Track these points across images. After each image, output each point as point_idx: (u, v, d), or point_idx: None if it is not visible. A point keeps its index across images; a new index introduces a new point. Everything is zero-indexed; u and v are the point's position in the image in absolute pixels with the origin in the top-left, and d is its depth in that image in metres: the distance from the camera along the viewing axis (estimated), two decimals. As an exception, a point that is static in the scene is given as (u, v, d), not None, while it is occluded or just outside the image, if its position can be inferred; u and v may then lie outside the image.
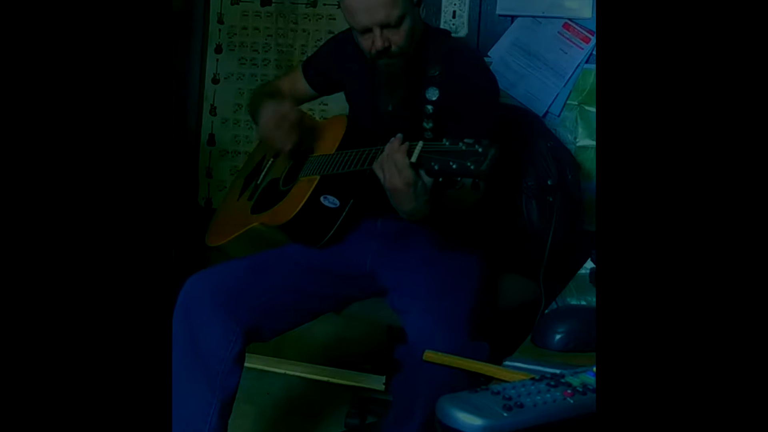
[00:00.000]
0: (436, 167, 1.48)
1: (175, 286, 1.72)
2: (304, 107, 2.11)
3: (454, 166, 1.45)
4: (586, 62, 2.36)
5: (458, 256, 1.88)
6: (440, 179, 1.50)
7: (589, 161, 2.34)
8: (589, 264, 1.73)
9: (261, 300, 1.82)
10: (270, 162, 2.11)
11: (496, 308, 1.96)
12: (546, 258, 2.06)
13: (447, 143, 1.47)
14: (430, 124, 1.83)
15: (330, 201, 1.83)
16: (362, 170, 1.68)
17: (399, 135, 1.57)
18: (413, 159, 1.51)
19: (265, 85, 2.19)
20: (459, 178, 1.47)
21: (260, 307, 1.82)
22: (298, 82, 2.11)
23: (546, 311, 1.49)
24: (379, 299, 1.91)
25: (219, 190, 2.78)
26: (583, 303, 1.54)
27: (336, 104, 2.55)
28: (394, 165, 1.53)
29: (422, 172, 1.52)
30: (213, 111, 2.79)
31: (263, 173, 2.11)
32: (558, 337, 1.27)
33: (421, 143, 1.52)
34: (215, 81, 2.79)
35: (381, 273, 1.90)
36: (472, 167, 1.42)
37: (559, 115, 2.38)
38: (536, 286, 2.00)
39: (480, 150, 1.43)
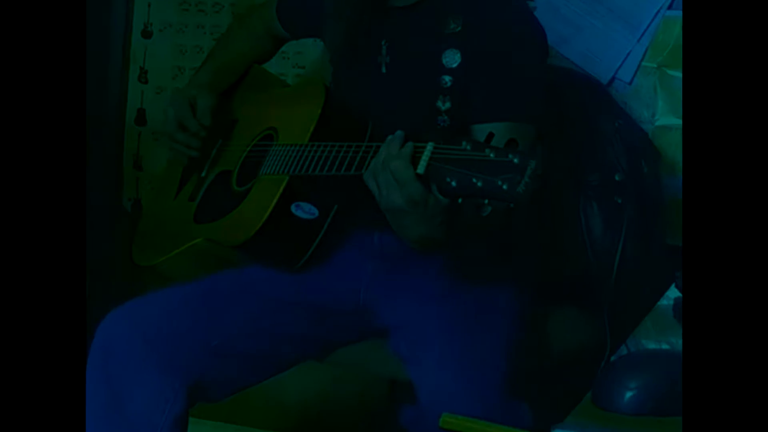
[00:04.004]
0: (453, 183, 1.47)
1: (90, 322, 1.72)
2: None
3: (478, 184, 1.44)
4: (669, 8, 2.36)
5: (488, 283, 1.89)
6: (459, 200, 1.49)
7: (673, 147, 2.34)
8: (673, 292, 1.73)
9: (212, 344, 1.83)
10: (218, 145, 2.11)
11: (542, 355, 1.97)
12: (613, 284, 2.06)
13: (468, 147, 1.46)
14: (447, 104, 1.83)
15: (305, 210, 1.83)
16: (348, 175, 1.68)
17: (399, 133, 1.56)
18: (420, 169, 1.51)
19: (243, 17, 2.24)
20: (486, 201, 1.47)
21: (210, 353, 1.82)
22: (268, 15, 2.15)
23: (612, 358, 1.49)
24: (377, 342, 1.91)
25: (152, 188, 2.79)
26: (665, 347, 1.54)
27: (316, 68, 2.55)
28: (393, 176, 1.54)
29: (434, 188, 1.52)
30: (143, 76, 2.79)
31: (209, 161, 2.11)
32: (629, 395, 1.27)
33: (430, 146, 1.50)
34: (147, 34, 2.79)
35: (380, 306, 1.90)
36: (504, 187, 1.41)
37: (630, 83, 2.38)
38: (599, 323, 2.00)
39: (516, 162, 1.41)
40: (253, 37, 2.18)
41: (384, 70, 1.89)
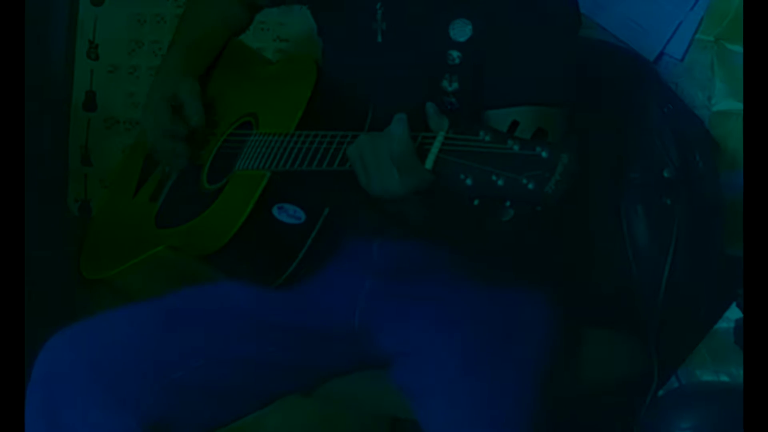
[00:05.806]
0: (468, 181, 1.47)
1: (28, 349, 1.72)
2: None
3: (499, 183, 1.44)
4: (728, -31, 2.37)
5: (510, 303, 1.89)
6: (475, 202, 1.49)
7: (734, 137, 2.35)
8: (734, 312, 1.73)
9: (174, 375, 1.83)
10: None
11: (575, 388, 1.98)
12: (661, 303, 2.06)
13: (487, 138, 1.46)
14: (455, 85, 1.84)
15: (289, 213, 1.83)
16: (342, 171, 1.68)
17: (400, 116, 1.57)
18: (428, 164, 1.52)
19: None
20: (508, 203, 1.47)
21: (173, 387, 1.82)
22: None
23: (660, 393, 1.50)
24: (375, 373, 1.92)
25: (104, 187, 2.79)
26: (724, 379, 1.55)
27: (301, 42, 2.56)
28: (395, 163, 1.54)
29: (442, 185, 1.51)
30: (93, 52, 2.80)
31: None
32: (681, 436, 1.28)
33: (441, 136, 1.51)
34: (97, 1, 2.80)
35: (380, 330, 1.91)
36: (530, 186, 1.42)
37: (682, 60, 2.39)
38: (644, 350, 2.00)
39: (545, 155, 1.42)
40: (224, 4, 2.18)
41: (380, 39, 1.89)
